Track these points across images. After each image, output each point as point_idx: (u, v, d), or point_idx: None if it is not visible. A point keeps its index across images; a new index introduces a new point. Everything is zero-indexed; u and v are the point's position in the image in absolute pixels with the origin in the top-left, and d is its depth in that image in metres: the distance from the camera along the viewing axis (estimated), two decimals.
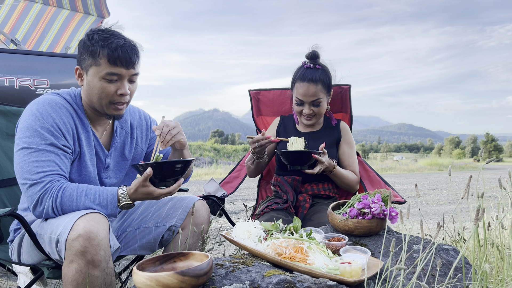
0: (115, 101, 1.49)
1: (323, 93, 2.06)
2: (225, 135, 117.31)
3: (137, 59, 1.49)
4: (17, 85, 2.81)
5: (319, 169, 1.95)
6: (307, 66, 2.08)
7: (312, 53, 2.11)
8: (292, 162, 1.95)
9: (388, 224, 1.72)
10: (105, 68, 1.43)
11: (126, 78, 1.48)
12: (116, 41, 1.43)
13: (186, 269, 1.03)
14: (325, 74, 2.08)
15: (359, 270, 1.17)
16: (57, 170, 1.40)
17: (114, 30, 1.49)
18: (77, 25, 4.42)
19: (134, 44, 1.49)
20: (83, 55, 1.46)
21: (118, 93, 1.47)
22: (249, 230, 1.41)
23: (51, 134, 1.41)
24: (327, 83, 2.08)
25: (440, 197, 7.75)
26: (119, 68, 1.44)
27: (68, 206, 1.36)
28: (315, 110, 2.07)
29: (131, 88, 1.51)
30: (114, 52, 1.42)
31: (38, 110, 1.43)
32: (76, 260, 1.25)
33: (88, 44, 1.44)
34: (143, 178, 1.39)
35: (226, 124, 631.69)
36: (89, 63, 1.45)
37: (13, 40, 3.65)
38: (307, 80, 2.03)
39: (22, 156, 1.38)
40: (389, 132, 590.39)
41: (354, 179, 2.12)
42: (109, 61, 1.42)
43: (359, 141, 69.84)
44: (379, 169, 17.41)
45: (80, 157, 1.52)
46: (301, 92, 2.04)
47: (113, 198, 1.40)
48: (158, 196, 1.44)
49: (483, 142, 66.30)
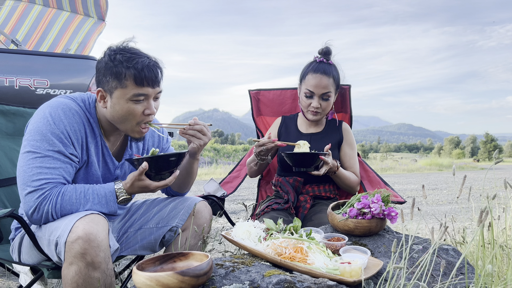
0: (142, 121, 1.46)
1: (333, 88, 2.08)
2: (225, 135, 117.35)
3: (162, 76, 1.46)
4: (17, 85, 2.81)
5: (325, 170, 1.95)
6: (320, 60, 2.09)
7: (326, 49, 2.12)
8: (298, 164, 1.95)
9: (388, 224, 1.72)
10: (132, 89, 1.39)
11: (152, 97, 1.45)
12: (141, 60, 1.39)
13: (186, 269, 1.03)
14: (336, 71, 2.11)
15: (359, 270, 1.17)
16: (59, 179, 1.37)
17: (134, 47, 1.45)
18: (77, 27, 4.43)
19: (157, 61, 1.45)
20: (106, 77, 1.40)
21: (146, 113, 1.45)
22: (249, 230, 1.41)
23: (60, 141, 1.38)
24: (337, 80, 2.11)
25: (440, 197, 7.76)
26: (146, 88, 1.40)
27: (68, 210, 1.36)
28: (322, 105, 2.07)
29: (156, 106, 1.49)
30: (140, 72, 1.38)
31: (51, 114, 1.39)
32: (75, 262, 1.25)
33: (111, 65, 1.39)
34: (138, 172, 1.39)
35: (226, 124, 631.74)
36: (114, 86, 1.40)
37: (13, 41, 3.65)
38: (320, 72, 2.04)
39: (27, 160, 1.35)
40: (388, 132, 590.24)
41: (355, 180, 2.12)
42: (136, 82, 1.38)
43: (359, 141, 70.23)
44: (379, 169, 17.41)
45: (87, 166, 1.50)
46: (313, 83, 2.04)
47: (111, 195, 1.40)
48: (154, 189, 1.45)
49: (482, 142, 66.31)
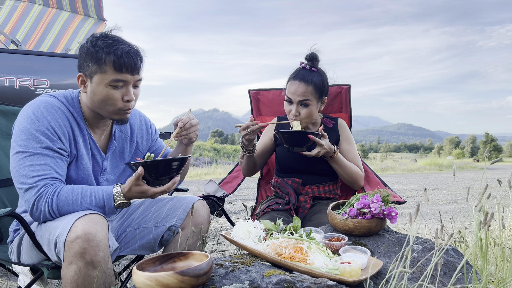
0: (123, 108, 1.48)
1: (313, 96, 2.00)
2: (224, 135, 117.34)
3: (142, 64, 1.48)
4: (17, 85, 2.81)
5: (318, 151, 1.92)
6: (303, 66, 2.04)
7: (311, 55, 2.06)
8: (290, 143, 1.92)
9: (387, 224, 1.72)
10: (111, 75, 1.42)
11: (131, 84, 1.47)
12: (121, 47, 1.42)
13: (186, 269, 1.03)
14: (319, 78, 2.01)
15: (358, 270, 1.17)
16: (52, 173, 1.39)
17: (116, 35, 1.48)
18: (77, 27, 4.43)
19: (138, 49, 1.48)
20: (87, 61, 1.44)
21: (125, 99, 1.46)
22: (249, 230, 1.41)
23: (47, 137, 1.40)
24: (319, 88, 2.01)
25: (440, 197, 7.76)
26: (125, 74, 1.43)
27: (65, 210, 1.36)
28: (302, 112, 2.00)
29: (135, 93, 1.50)
30: (119, 58, 1.40)
31: (34, 113, 1.41)
32: (75, 262, 1.25)
33: (92, 50, 1.42)
34: (135, 177, 1.37)
35: (226, 124, 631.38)
36: (94, 70, 1.43)
37: (13, 41, 3.65)
38: (299, 79, 1.99)
39: (18, 160, 1.37)
40: (388, 132, 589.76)
41: (357, 171, 2.07)
42: (114, 68, 1.41)
43: (358, 141, 69.96)
44: (379, 169, 17.40)
45: (77, 160, 1.51)
46: (291, 90, 2.00)
47: (109, 198, 1.39)
48: (152, 195, 1.42)
49: (482, 142, 66.31)
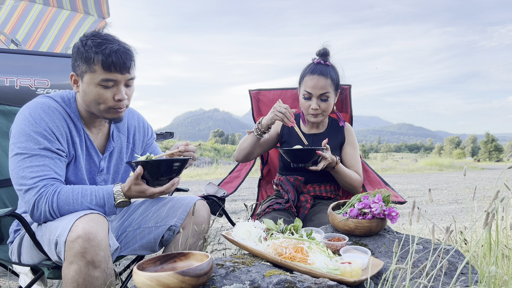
0: (114, 107, 1.47)
1: (332, 89, 2.07)
2: (225, 135, 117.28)
3: (132, 63, 1.46)
4: (18, 85, 2.81)
5: (323, 165, 1.95)
6: (318, 61, 2.10)
7: (323, 50, 2.13)
8: (296, 160, 1.95)
9: (388, 224, 1.72)
10: (100, 74, 1.41)
11: (122, 83, 1.46)
12: (110, 46, 1.40)
13: (187, 269, 1.03)
14: (334, 72, 2.10)
15: (359, 270, 1.17)
16: (51, 174, 1.39)
17: (108, 34, 1.46)
18: (77, 26, 4.43)
19: (128, 48, 1.46)
20: (77, 61, 1.43)
21: (116, 98, 1.45)
22: (250, 230, 1.40)
23: (45, 138, 1.40)
24: (336, 81, 2.09)
25: (440, 197, 7.76)
26: (114, 73, 1.42)
27: (66, 210, 1.36)
28: (322, 106, 2.06)
29: (128, 93, 1.49)
30: (108, 58, 1.39)
31: (31, 114, 1.41)
32: (76, 261, 1.25)
33: (82, 50, 1.42)
34: (134, 176, 1.38)
35: (226, 124, 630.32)
36: (84, 70, 1.42)
37: (13, 41, 3.65)
38: (318, 73, 2.04)
39: (17, 162, 1.38)
40: (389, 132, 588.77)
41: (356, 178, 2.10)
42: (103, 67, 1.40)
43: (359, 141, 71.17)
44: (379, 169, 17.40)
45: (75, 160, 1.51)
46: (311, 85, 2.04)
47: (109, 197, 1.39)
48: (151, 195, 1.42)
49: (483, 142, 66.27)
